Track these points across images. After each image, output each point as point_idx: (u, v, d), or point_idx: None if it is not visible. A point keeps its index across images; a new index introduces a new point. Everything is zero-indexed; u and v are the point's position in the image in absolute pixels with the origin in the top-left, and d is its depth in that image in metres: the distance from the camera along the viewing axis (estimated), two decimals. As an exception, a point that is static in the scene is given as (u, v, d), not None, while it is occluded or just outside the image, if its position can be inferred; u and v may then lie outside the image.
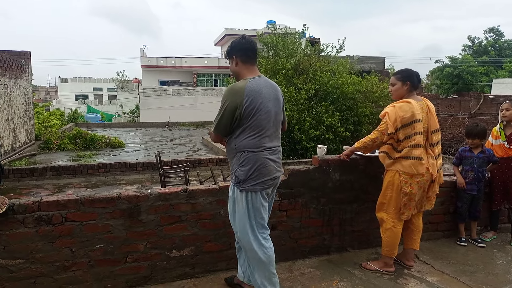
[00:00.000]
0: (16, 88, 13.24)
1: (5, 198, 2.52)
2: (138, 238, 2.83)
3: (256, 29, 28.74)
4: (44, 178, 9.34)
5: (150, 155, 13.16)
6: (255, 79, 2.49)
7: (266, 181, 2.49)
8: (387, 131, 3.02)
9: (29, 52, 15.03)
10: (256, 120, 2.43)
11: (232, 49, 2.57)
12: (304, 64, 14.05)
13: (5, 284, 2.56)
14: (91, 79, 58.78)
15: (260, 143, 2.45)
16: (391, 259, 3.20)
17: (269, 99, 2.48)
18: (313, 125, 12.79)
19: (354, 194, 3.48)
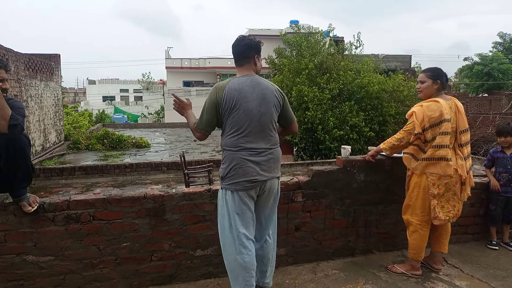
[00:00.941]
0: (46, 90, 13.69)
1: (36, 196, 2.61)
2: (163, 237, 2.87)
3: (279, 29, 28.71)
4: (73, 177, 9.62)
5: (174, 155, 13.35)
6: (239, 78, 2.49)
7: (242, 182, 2.40)
8: (414, 131, 2.94)
9: (58, 55, 15.53)
10: (234, 119, 2.41)
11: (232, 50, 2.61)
12: (327, 63, 13.93)
13: (36, 280, 2.65)
14: (117, 80, 60.16)
15: (238, 142, 2.41)
16: (418, 262, 3.13)
17: (252, 98, 2.42)
18: (337, 125, 12.66)
19: (379, 195, 3.41)
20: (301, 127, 13.53)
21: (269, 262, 2.69)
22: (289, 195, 3.15)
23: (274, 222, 2.71)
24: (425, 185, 2.97)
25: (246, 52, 2.52)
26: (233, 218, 2.45)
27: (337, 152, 12.36)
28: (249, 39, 2.55)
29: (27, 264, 2.61)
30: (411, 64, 25.71)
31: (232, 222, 2.45)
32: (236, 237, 2.44)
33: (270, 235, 2.68)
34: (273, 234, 2.71)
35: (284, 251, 3.21)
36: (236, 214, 2.45)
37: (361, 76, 13.55)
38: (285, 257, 3.23)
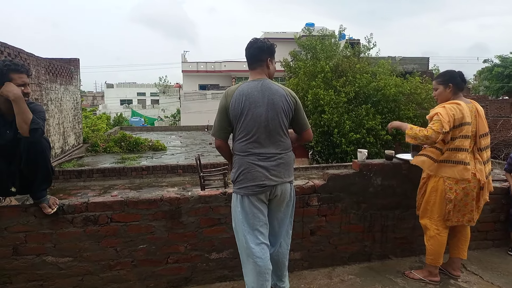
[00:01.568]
0: (66, 94, 13.99)
1: (55, 198, 2.67)
2: (179, 240, 2.89)
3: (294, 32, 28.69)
4: (91, 179, 9.79)
5: (190, 158, 13.46)
6: (249, 83, 2.46)
7: (251, 186, 2.40)
8: (442, 129, 2.80)
9: (78, 60, 15.86)
10: (243, 124, 2.40)
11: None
12: (343, 66, 13.85)
13: (56, 281, 2.70)
14: (135, 84, 61.08)
15: (246, 148, 2.41)
16: (436, 268, 3.07)
17: (261, 103, 2.39)
18: (353, 128, 12.55)
19: (396, 200, 3.37)
20: (317, 130, 13.48)
21: (284, 266, 2.68)
22: (304, 198, 3.14)
23: (289, 226, 2.68)
24: (442, 189, 2.92)
25: (258, 55, 2.49)
26: (245, 222, 2.46)
27: (353, 155, 12.25)
28: (262, 41, 2.51)
29: (46, 264, 2.66)
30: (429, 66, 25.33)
31: (244, 226, 2.46)
32: (249, 241, 2.44)
33: (285, 240, 2.66)
34: (288, 239, 2.68)
35: (299, 255, 3.20)
36: (247, 218, 2.45)
37: (377, 79, 13.42)
38: (300, 261, 3.21)
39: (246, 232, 2.45)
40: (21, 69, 2.39)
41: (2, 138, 2.36)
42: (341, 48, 16.20)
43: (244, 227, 2.45)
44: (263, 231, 2.49)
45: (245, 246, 2.45)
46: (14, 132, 2.35)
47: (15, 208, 2.61)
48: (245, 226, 2.45)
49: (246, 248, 2.45)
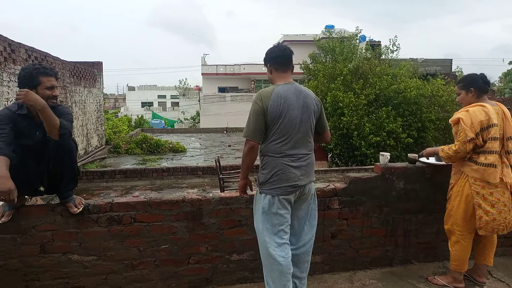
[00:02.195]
0: (89, 96, 14.31)
1: (81, 198, 2.74)
2: (200, 241, 2.92)
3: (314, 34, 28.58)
4: (113, 180, 9.97)
5: (209, 160, 13.55)
6: (283, 86, 2.49)
7: (284, 187, 2.46)
8: (466, 137, 2.77)
9: (101, 63, 16.20)
10: (281, 126, 2.43)
11: (266, 58, 2.62)
12: (363, 68, 13.71)
13: (81, 279, 2.77)
14: (155, 87, 61.93)
15: (281, 149, 2.45)
16: (461, 275, 3.00)
17: (296, 106, 2.46)
18: (373, 131, 12.40)
19: (419, 204, 3.31)
20: (336, 133, 13.37)
21: (305, 268, 2.68)
22: (325, 202, 3.12)
23: (312, 226, 2.69)
24: (468, 194, 2.86)
25: (289, 60, 2.59)
26: (270, 222, 2.48)
27: (373, 158, 12.10)
28: (290, 49, 2.62)
29: (72, 263, 2.73)
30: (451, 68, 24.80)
31: (269, 226, 2.48)
32: (273, 241, 2.47)
33: (308, 239, 2.67)
34: (311, 239, 2.68)
35: (320, 258, 3.18)
36: (274, 219, 2.47)
37: (398, 81, 13.23)
38: (321, 265, 3.19)
39: (271, 232, 2.48)
40: (50, 72, 2.48)
41: (32, 139, 2.43)
42: (362, 50, 16.05)
43: (269, 226, 2.48)
44: (287, 231, 2.53)
45: (269, 246, 2.47)
46: (43, 133, 2.43)
47: (43, 207, 2.68)
48: (270, 226, 2.48)
49: (270, 248, 2.46)
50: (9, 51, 7.78)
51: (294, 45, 36.78)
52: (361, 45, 17.36)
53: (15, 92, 7.97)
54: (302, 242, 2.64)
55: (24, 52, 8.50)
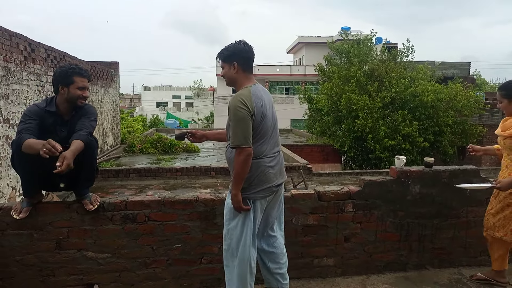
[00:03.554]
0: (106, 96, 14.52)
1: (97, 196, 2.77)
2: (213, 241, 2.92)
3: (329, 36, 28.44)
4: (127, 179, 10.08)
5: (222, 160, 13.58)
6: (255, 86, 2.46)
7: (266, 189, 2.45)
8: None
9: (117, 63, 16.42)
10: (263, 128, 2.41)
11: (233, 55, 2.46)
12: (379, 70, 13.58)
13: (94, 276, 2.80)
14: (170, 87, 62.46)
15: (261, 151, 2.42)
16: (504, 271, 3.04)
17: (268, 105, 2.47)
18: (388, 134, 12.28)
19: (435, 209, 3.26)
20: (350, 135, 13.27)
21: (284, 264, 2.69)
22: (339, 204, 3.10)
23: (282, 223, 2.74)
24: None
25: (253, 60, 2.55)
26: (251, 226, 2.47)
27: (387, 162, 11.97)
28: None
29: (86, 259, 2.77)
30: (469, 72, 24.38)
31: (250, 229, 2.46)
32: (252, 245, 2.49)
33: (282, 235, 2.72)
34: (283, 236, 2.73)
35: (333, 261, 3.16)
36: (254, 222, 2.47)
37: (415, 84, 13.07)
38: (333, 268, 3.17)
39: (249, 235, 2.46)
40: (84, 74, 2.57)
41: (57, 135, 2.49)
42: (378, 53, 15.90)
43: (249, 230, 2.45)
44: (259, 233, 2.57)
45: (248, 250, 2.46)
46: (68, 131, 2.51)
47: (59, 204, 2.73)
48: (251, 229, 2.46)
49: (248, 253, 2.46)
50: (29, 51, 7.95)
51: (309, 46, 36.71)
52: (377, 47, 17.20)
53: (34, 91, 8.13)
54: (275, 239, 2.66)
55: (43, 51, 8.67)
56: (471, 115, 13.60)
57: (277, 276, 2.67)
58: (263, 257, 2.66)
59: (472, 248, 3.37)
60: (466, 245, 3.36)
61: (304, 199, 3.04)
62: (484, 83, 45.16)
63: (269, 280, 2.72)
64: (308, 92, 19.35)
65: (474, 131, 13.38)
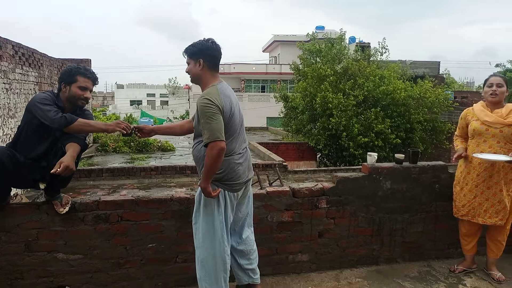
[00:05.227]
0: (77, 94, 14.13)
1: (68, 197, 2.71)
2: (188, 239, 2.89)
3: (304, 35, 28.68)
4: (100, 178, 9.87)
5: (198, 159, 13.48)
6: (221, 85, 2.46)
7: (235, 184, 2.49)
8: None
9: (89, 60, 16.01)
10: (232, 125, 2.43)
11: (200, 52, 2.45)
12: (353, 69, 13.82)
13: (66, 277, 2.74)
14: (145, 85, 61.49)
15: (231, 148, 2.44)
16: None
17: (235, 103, 2.49)
18: (362, 132, 12.52)
19: (406, 204, 3.36)
20: (325, 133, 13.45)
21: (255, 259, 2.74)
22: (313, 201, 3.14)
23: (251, 218, 2.78)
24: None
25: (220, 59, 2.55)
26: (224, 219, 2.49)
27: (361, 159, 12.21)
28: None
29: (57, 261, 2.70)
30: (439, 71, 25.12)
31: (222, 224, 2.48)
32: (226, 240, 2.51)
33: (252, 230, 2.76)
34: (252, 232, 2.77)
35: (307, 257, 3.20)
36: (226, 217, 2.50)
37: (386, 82, 13.37)
38: (307, 264, 3.21)
39: (220, 230, 2.48)
40: (88, 75, 2.56)
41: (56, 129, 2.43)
42: (351, 52, 16.17)
43: (222, 224, 2.48)
44: (228, 230, 2.58)
45: (221, 244, 2.48)
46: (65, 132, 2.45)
47: (28, 206, 2.65)
48: (222, 223, 2.48)
49: (221, 246, 2.48)
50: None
51: (284, 45, 36.90)
52: (351, 47, 17.47)
53: (1, 89, 7.84)
54: (245, 235, 2.70)
55: (11, 48, 8.36)
56: (441, 112, 14.04)
57: (248, 271, 2.71)
58: (234, 254, 2.67)
59: (440, 241, 3.49)
60: (435, 239, 3.48)
61: (279, 196, 3.07)
62: (453, 82, 46.68)
63: (239, 276, 2.74)
64: (283, 90, 19.49)
65: (443, 128, 13.83)
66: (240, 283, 2.80)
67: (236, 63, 37.14)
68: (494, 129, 2.99)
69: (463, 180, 3.15)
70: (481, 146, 3.03)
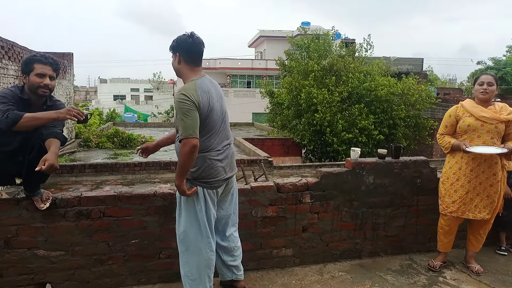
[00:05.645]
0: (59, 88, 13.87)
1: (49, 192, 2.66)
2: (172, 235, 2.87)
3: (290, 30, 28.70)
4: (83, 174, 9.72)
5: (183, 155, 13.40)
6: (201, 79, 2.43)
7: (214, 181, 2.46)
8: None
9: (71, 54, 15.72)
10: (210, 121, 2.39)
11: (177, 46, 2.46)
12: (338, 65, 13.90)
13: (47, 274, 2.69)
14: (128, 80, 60.67)
15: (208, 144, 2.41)
16: None
17: (216, 98, 2.45)
18: (346, 128, 12.63)
19: (388, 199, 3.41)
20: (310, 129, 13.52)
21: (238, 256, 2.74)
22: (297, 196, 3.16)
23: (236, 215, 2.77)
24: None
25: (202, 52, 2.50)
26: (205, 215, 2.47)
27: (344, 155, 12.32)
28: (201, 38, 2.49)
29: (38, 258, 2.66)
30: (423, 67, 25.49)
31: (203, 220, 2.47)
32: (210, 236, 2.50)
33: (236, 227, 2.76)
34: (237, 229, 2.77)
35: (291, 252, 3.22)
36: (208, 213, 2.48)
37: (370, 79, 13.51)
38: (292, 258, 3.23)
39: (206, 226, 2.47)
40: (44, 61, 2.47)
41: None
42: (336, 48, 16.27)
43: (204, 221, 2.46)
44: (212, 226, 2.56)
45: (203, 240, 2.47)
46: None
47: (8, 201, 2.59)
48: (204, 220, 2.47)
49: (204, 243, 2.47)
50: (-28, 39, 7.43)
51: (270, 40, 36.85)
52: (336, 43, 17.57)
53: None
54: (229, 232, 2.70)
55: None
56: (423, 109, 14.25)
57: (232, 268, 2.72)
58: (218, 250, 2.67)
59: (421, 235, 3.55)
60: (416, 232, 3.54)
61: (263, 191, 3.08)
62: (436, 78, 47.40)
63: (223, 272, 2.75)
64: (269, 86, 19.48)
65: (426, 125, 14.05)
66: (223, 279, 2.81)
67: (221, 58, 36.94)
68: (489, 125, 3.04)
69: (453, 175, 3.16)
70: (475, 141, 3.07)
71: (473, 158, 3.07)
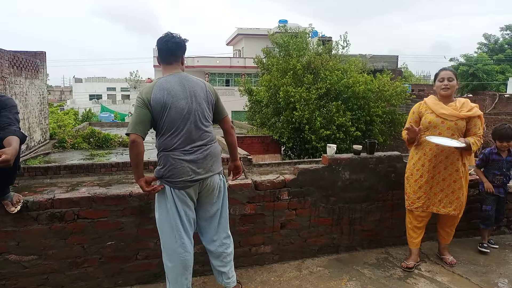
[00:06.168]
0: (31, 88, 13.48)
1: (19, 195, 2.58)
2: (149, 236, 2.86)
3: (268, 29, 28.75)
4: (58, 176, 9.50)
5: (162, 154, 13.25)
6: (166, 77, 2.42)
7: (180, 181, 2.38)
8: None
9: (44, 53, 15.28)
10: (167, 118, 2.35)
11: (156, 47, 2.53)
12: (315, 63, 14.03)
13: (19, 280, 2.62)
14: (104, 79, 59.49)
15: (172, 143, 2.37)
16: None
17: (183, 96, 2.38)
18: (324, 125, 12.77)
19: (363, 194, 3.46)
20: (289, 126, 13.60)
21: (228, 262, 2.65)
22: (275, 193, 3.17)
23: (224, 218, 2.65)
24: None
25: (175, 51, 2.46)
26: (174, 215, 2.41)
27: (323, 151, 12.46)
28: (179, 37, 2.47)
29: (9, 263, 2.58)
30: (398, 64, 25.99)
31: (174, 218, 2.41)
32: (179, 236, 2.42)
33: (227, 233, 2.67)
34: (227, 231, 2.68)
35: (270, 248, 3.24)
36: (178, 212, 2.42)
37: (347, 76, 13.70)
38: (270, 255, 3.25)
39: (176, 225, 2.41)
40: None
41: None
42: (314, 45, 16.41)
43: (174, 219, 2.41)
44: (191, 226, 2.49)
45: (173, 241, 2.42)
46: None
47: (-25, 206, 2.50)
48: (176, 218, 2.41)
49: (174, 243, 2.43)
50: None
51: (248, 38, 36.81)
52: (313, 41, 17.71)
53: None
54: (217, 237, 2.61)
55: (-46, 39, 7.83)
56: (399, 105, 14.56)
57: (221, 274, 2.65)
58: (208, 253, 2.65)
59: (396, 228, 3.63)
60: (391, 226, 3.62)
61: (241, 189, 3.08)
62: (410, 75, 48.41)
63: (215, 275, 2.72)
64: (248, 84, 19.47)
65: (401, 120, 14.35)
66: (217, 281, 2.76)
67: (199, 57, 36.67)
68: (449, 122, 3.08)
69: (416, 172, 3.21)
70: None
71: (435, 155, 3.12)
